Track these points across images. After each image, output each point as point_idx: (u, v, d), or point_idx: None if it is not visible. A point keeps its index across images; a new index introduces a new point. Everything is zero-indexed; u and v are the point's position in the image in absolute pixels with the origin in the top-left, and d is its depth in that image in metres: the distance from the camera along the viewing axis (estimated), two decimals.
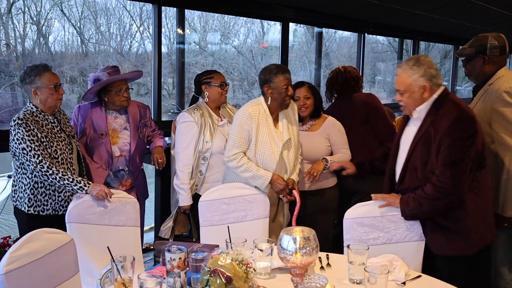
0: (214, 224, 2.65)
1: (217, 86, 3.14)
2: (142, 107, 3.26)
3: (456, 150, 2.17)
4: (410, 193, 2.31)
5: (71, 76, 10.55)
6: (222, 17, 11.90)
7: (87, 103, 3.14)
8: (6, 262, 1.68)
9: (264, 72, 2.86)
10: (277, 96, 2.82)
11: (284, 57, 5.23)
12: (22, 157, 2.58)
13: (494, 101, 2.58)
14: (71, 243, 1.98)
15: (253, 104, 2.87)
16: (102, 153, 3.04)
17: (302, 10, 5.22)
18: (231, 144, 2.86)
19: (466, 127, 2.19)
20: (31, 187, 2.67)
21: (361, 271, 1.93)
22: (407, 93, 2.28)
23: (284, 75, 2.80)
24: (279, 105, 2.85)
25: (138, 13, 11.54)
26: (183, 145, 3.11)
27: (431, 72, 2.24)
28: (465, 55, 2.71)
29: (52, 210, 2.72)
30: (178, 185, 3.12)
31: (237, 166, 2.83)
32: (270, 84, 2.81)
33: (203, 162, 3.11)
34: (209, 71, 3.22)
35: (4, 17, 9.38)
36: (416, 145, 2.31)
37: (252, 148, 2.85)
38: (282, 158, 2.89)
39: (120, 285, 1.77)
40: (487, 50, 2.65)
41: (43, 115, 2.70)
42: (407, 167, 2.34)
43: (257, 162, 2.85)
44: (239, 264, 1.71)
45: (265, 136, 2.84)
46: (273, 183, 2.82)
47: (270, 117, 2.86)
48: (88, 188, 2.56)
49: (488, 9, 5.77)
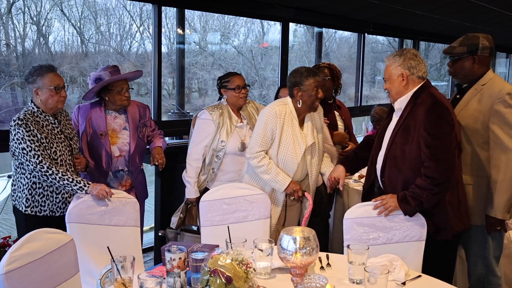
0: (215, 224, 2.65)
1: (232, 90, 3.19)
2: (141, 107, 3.26)
3: (437, 136, 2.31)
4: (404, 191, 2.36)
5: (71, 76, 10.54)
6: (222, 17, 11.89)
7: (86, 104, 3.14)
8: (6, 262, 1.68)
9: (294, 74, 2.85)
10: (307, 98, 2.82)
11: (284, 57, 5.23)
12: (22, 157, 2.57)
13: (495, 102, 2.56)
14: (71, 243, 1.98)
15: (280, 103, 2.87)
16: (102, 154, 3.04)
17: (302, 10, 5.22)
18: (254, 142, 2.88)
19: (441, 112, 2.35)
20: (29, 188, 2.67)
21: (361, 271, 1.93)
22: (389, 81, 2.49)
23: (314, 78, 2.81)
24: (308, 108, 2.86)
25: (138, 13, 11.53)
26: (196, 140, 3.20)
27: (411, 63, 2.42)
28: (455, 54, 2.68)
29: (49, 211, 2.71)
30: (185, 177, 3.23)
31: (258, 166, 2.85)
32: (300, 87, 2.81)
33: (216, 160, 3.17)
34: (227, 74, 3.27)
35: (4, 17, 9.37)
36: (396, 135, 2.45)
37: (275, 147, 2.85)
38: (304, 162, 2.89)
39: (120, 285, 1.77)
40: (478, 50, 2.64)
41: (44, 115, 2.69)
42: (388, 156, 2.47)
43: (278, 161, 2.86)
44: (239, 264, 1.71)
45: (289, 136, 2.84)
46: (288, 187, 2.83)
47: (296, 118, 2.87)
48: (88, 188, 2.56)
49: (488, 9, 5.77)
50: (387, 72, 2.50)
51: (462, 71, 2.69)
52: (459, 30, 7.32)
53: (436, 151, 2.31)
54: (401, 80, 2.45)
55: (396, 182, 2.45)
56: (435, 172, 2.30)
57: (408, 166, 2.40)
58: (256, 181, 2.96)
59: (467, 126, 2.62)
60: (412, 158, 2.38)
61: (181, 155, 4.00)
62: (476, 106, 2.63)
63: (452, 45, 2.71)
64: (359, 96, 6.74)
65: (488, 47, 2.65)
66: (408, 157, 2.39)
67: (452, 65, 2.72)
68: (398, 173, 2.43)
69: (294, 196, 2.86)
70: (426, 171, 2.32)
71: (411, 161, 2.38)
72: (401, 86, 2.45)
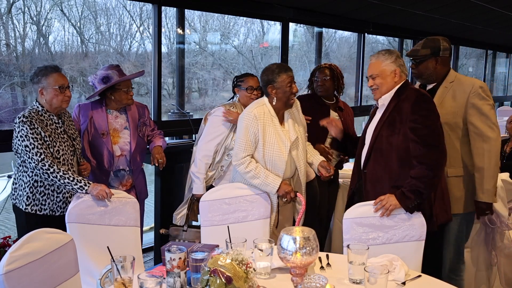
0: (215, 224, 2.65)
1: (244, 90, 3.23)
2: (140, 106, 3.27)
3: (426, 125, 2.44)
4: (401, 188, 2.42)
5: (71, 76, 10.54)
6: (222, 17, 11.89)
7: (87, 102, 3.15)
8: (6, 262, 1.68)
9: (266, 72, 2.82)
10: (281, 95, 2.78)
11: (284, 57, 5.23)
12: (24, 154, 2.59)
13: (470, 96, 2.74)
14: (71, 243, 1.98)
15: (257, 105, 2.83)
16: (104, 153, 3.04)
17: (302, 10, 5.22)
18: (237, 148, 2.81)
19: (426, 105, 2.49)
20: (31, 186, 2.68)
21: (361, 271, 1.93)
22: (379, 77, 2.57)
23: (286, 73, 2.77)
24: (284, 104, 2.82)
25: (138, 13, 11.53)
26: (209, 137, 3.19)
27: (400, 61, 2.59)
28: (420, 56, 2.84)
29: (50, 211, 2.72)
30: (194, 173, 3.20)
31: (246, 172, 2.78)
32: (273, 84, 2.77)
33: (227, 158, 3.17)
34: (243, 75, 3.31)
35: (4, 17, 9.37)
36: (381, 129, 2.55)
37: (260, 150, 2.80)
38: (291, 158, 2.86)
39: (120, 285, 1.77)
40: (440, 51, 2.82)
41: (48, 114, 2.71)
42: (372, 149, 2.57)
43: (265, 163, 2.81)
44: (239, 264, 1.71)
45: (272, 136, 2.80)
46: (280, 188, 2.79)
47: (275, 117, 2.82)
48: (88, 188, 2.57)
49: (488, 9, 5.78)
50: (377, 69, 2.58)
51: (426, 71, 2.85)
52: (459, 30, 7.34)
53: (427, 138, 2.43)
54: (393, 76, 2.56)
55: (379, 174, 2.55)
56: (429, 157, 2.42)
57: (394, 157, 2.50)
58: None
59: (447, 122, 2.73)
60: (399, 149, 2.49)
61: (181, 155, 4.01)
62: (452, 102, 2.78)
63: (415, 48, 2.88)
64: (359, 96, 6.74)
65: (448, 48, 2.86)
66: (395, 148, 2.49)
67: (416, 67, 2.88)
68: (384, 164, 2.53)
69: (286, 197, 2.81)
70: (419, 159, 2.43)
71: (398, 152, 2.49)
72: (393, 82, 2.57)
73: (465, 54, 12.44)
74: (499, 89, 12.21)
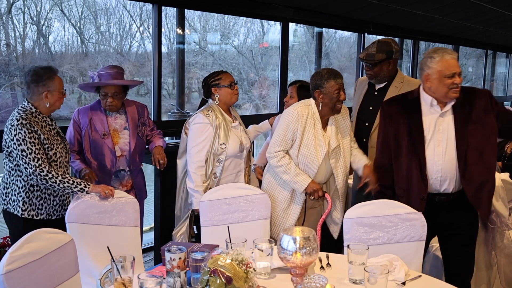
0: (215, 224, 2.65)
1: (227, 87, 3.08)
2: (140, 106, 3.25)
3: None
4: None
5: (71, 76, 10.55)
6: (222, 17, 11.89)
7: (86, 106, 3.15)
8: (6, 262, 1.68)
9: (315, 77, 2.83)
10: (328, 101, 2.78)
11: (284, 57, 5.23)
12: (20, 159, 2.50)
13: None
14: (71, 243, 1.98)
15: (303, 105, 2.85)
16: (106, 153, 3.03)
17: (302, 10, 5.22)
18: (274, 141, 2.86)
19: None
20: (27, 190, 2.61)
21: (361, 271, 1.93)
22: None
23: (335, 80, 2.77)
24: (329, 110, 2.82)
25: (138, 13, 11.54)
26: (197, 147, 3.01)
27: None
28: (377, 60, 3.09)
29: (46, 215, 2.67)
30: (192, 188, 3.00)
31: (277, 165, 2.84)
32: (321, 89, 2.78)
33: (218, 164, 3.04)
34: (216, 73, 3.14)
35: (4, 17, 9.38)
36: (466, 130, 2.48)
37: (296, 148, 2.83)
38: (328, 165, 2.86)
39: (120, 285, 1.77)
40: (393, 54, 3.11)
41: (42, 116, 2.65)
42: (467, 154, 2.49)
43: (298, 163, 2.84)
44: (239, 264, 1.71)
45: (311, 138, 2.81)
46: (308, 186, 2.80)
47: (319, 121, 2.83)
48: (88, 189, 2.56)
49: (488, 9, 5.77)
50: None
51: (381, 73, 3.14)
52: (459, 30, 7.33)
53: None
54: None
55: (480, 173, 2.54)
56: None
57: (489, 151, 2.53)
58: (277, 180, 2.95)
59: None
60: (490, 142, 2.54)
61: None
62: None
63: (370, 52, 3.11)
64: None
65: (398, 51, 3.18)
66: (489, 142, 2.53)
67: (370, 69, 3.15)
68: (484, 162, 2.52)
69: (314, 195, 2.82)
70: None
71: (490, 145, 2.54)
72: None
73: (465, 54, 12.43)
74: (499, 89, 12.20)
